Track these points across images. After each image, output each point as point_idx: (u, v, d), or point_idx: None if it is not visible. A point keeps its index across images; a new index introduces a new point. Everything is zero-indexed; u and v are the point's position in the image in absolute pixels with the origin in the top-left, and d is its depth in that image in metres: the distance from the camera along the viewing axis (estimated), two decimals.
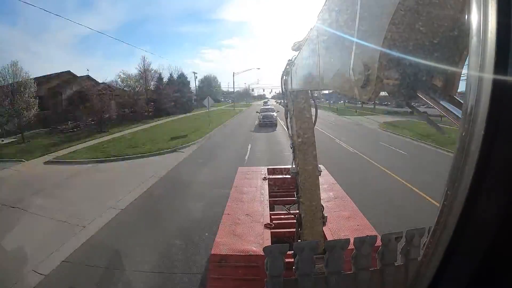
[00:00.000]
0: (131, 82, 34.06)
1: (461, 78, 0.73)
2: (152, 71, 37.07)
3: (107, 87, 30.61)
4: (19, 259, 5.39)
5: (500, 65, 0.48)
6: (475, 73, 0.51)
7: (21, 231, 6.65)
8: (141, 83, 34.99)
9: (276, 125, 23.77)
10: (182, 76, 44.53)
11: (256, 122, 26.07)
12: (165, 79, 40.59)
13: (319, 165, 2.70)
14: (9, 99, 19.27)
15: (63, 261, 5.26)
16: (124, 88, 33.53)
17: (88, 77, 31.34)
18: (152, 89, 36.80)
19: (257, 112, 29.51)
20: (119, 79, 33.67)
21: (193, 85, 47.01)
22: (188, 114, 38.46)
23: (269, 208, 4.28)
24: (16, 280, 4.73)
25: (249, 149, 15.17)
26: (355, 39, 0.83)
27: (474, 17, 0.52)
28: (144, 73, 35.43)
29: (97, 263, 5.15)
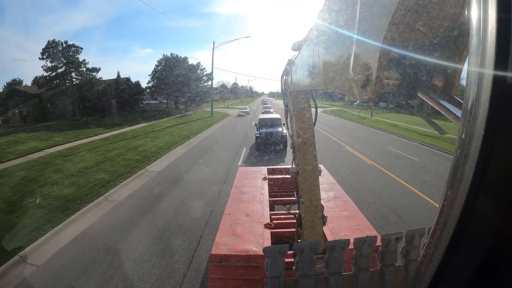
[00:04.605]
0: None
1: (461, 78, 0.73)
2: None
3: None
4: None
5: (500, 65, 0.48)
6: (475, 73, 0.51)
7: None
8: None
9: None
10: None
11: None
12: None
13: (319, 165, 2.70)
14: None
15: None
16: None
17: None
18: None
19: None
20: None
21: None
22: None
23: (269, 208, 4.27)
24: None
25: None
26: (355, 39, 0.82)
27: (474, 17, 0.52)
28: None
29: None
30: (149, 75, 45.00)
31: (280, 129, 15.35)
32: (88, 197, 8.51)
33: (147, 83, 45.05)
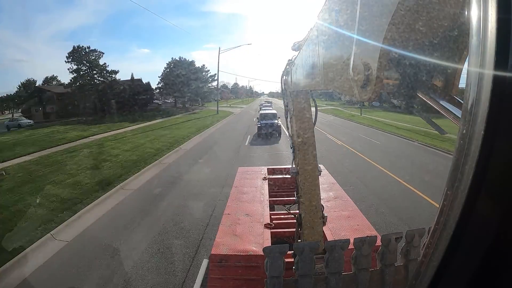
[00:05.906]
0: None
1: (461, 78, 0.73)
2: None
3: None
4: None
5: (500, 65, 0.48)
6: (475, 73, 0.51)
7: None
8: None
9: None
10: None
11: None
12: None
13: (319, 165, 2.70)
14: None
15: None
16: None
17: None
18: None
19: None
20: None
21: None
22: None
23: (269, 208, 4.27)
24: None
25: None
26: (355, 39, 0.82)
27: (474, 17, 0.52)
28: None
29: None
30: (158, 77, 51.12)
31: (276, 121, 19.74)
32: (148, 161, 13.12)
33: (157, 84, 50.69)
